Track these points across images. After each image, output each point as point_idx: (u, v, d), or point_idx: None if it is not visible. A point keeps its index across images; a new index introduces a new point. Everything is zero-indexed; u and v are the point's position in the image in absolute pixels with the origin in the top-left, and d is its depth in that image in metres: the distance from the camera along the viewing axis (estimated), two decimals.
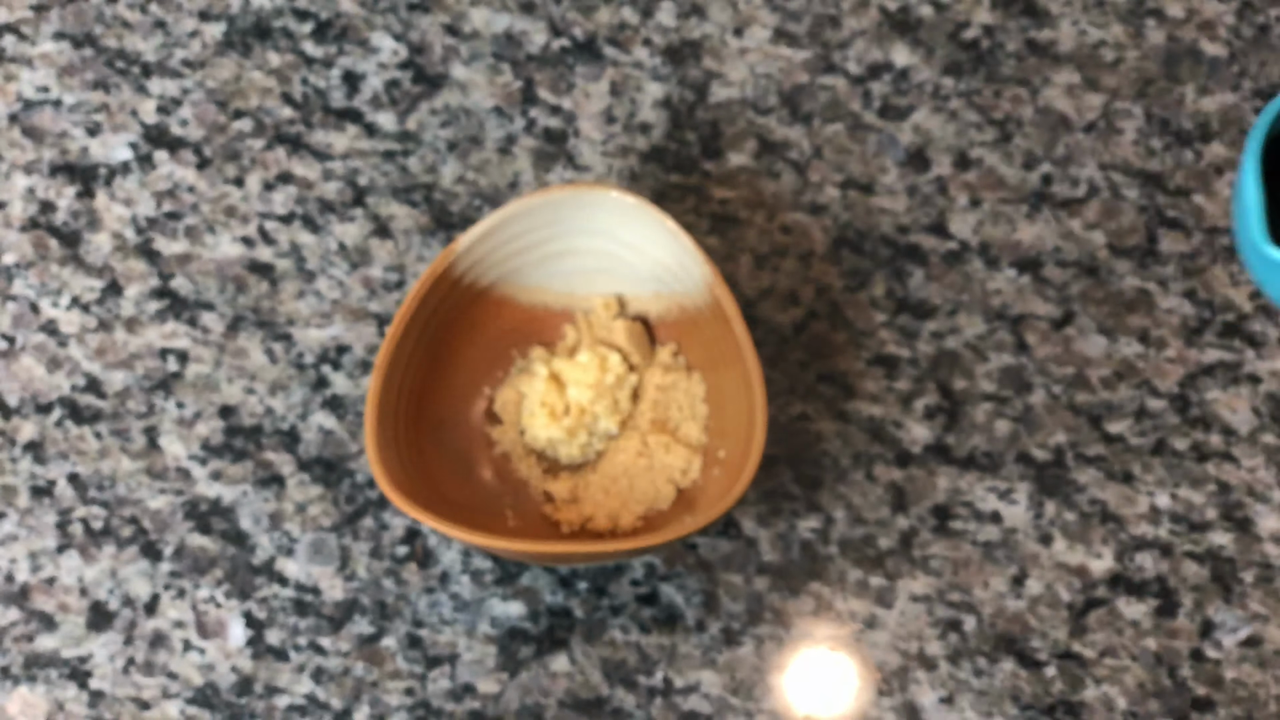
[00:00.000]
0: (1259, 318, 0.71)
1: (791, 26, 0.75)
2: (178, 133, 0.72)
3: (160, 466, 0.67)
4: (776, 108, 0.74)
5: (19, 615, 0.65)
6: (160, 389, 0.68)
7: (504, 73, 0.74)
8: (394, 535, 0.66)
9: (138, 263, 0.70)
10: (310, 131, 0.73)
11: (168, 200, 0.71)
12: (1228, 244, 0.72)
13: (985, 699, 0.65)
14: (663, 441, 0.65)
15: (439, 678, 0.64)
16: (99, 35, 0.74)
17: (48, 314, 0.69)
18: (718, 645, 0.65)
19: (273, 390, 0.68)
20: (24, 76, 0.73)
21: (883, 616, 0.66)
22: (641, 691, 0.64)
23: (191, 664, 0.64)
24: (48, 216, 0.71)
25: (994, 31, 0.75)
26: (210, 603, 0.65)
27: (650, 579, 0.66)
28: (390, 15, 0.75)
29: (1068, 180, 0.73)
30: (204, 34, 0.74)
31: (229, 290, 0.70)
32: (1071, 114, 0.74)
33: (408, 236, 0.71)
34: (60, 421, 0.67)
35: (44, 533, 0.66)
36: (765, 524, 0.67)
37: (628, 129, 0.73)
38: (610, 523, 0.65)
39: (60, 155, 0.72)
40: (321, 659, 0.64)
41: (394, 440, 0.62)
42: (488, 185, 0.72)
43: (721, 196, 0.72)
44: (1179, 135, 0.74)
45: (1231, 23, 0.76)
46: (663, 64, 0.74)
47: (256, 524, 0.66)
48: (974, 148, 0.73)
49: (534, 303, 0.68)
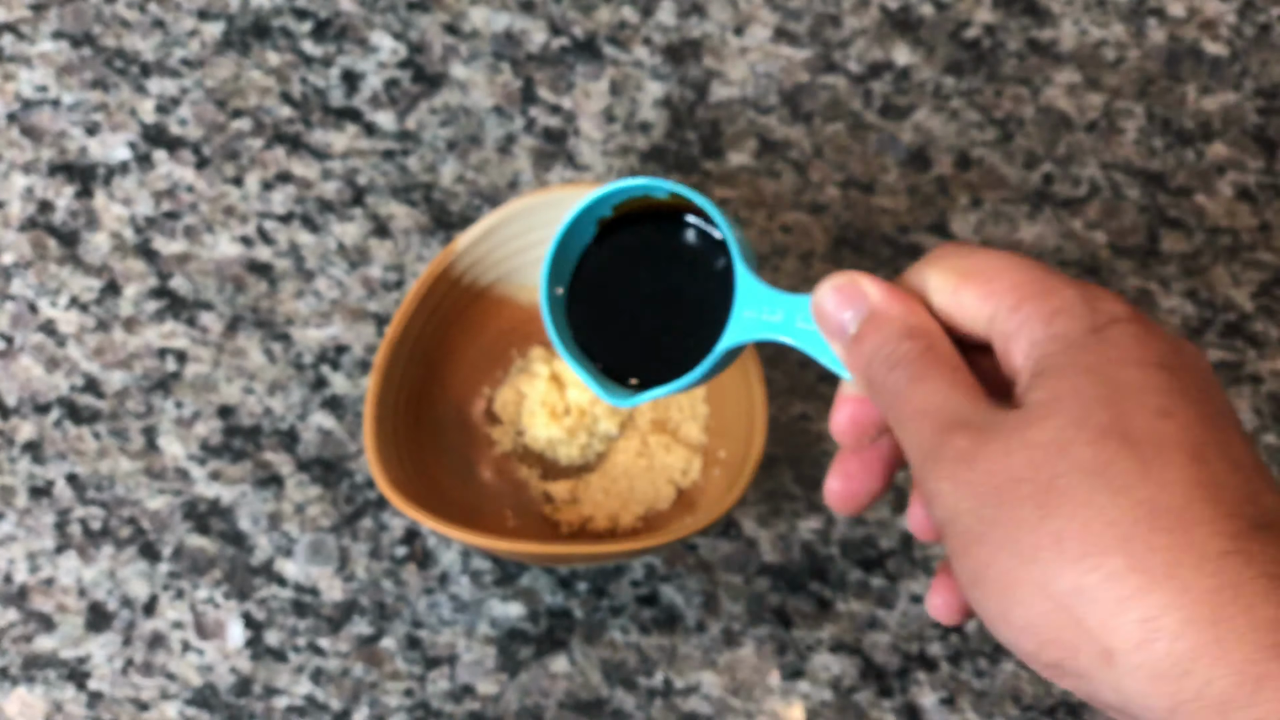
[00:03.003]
0: (1260, 318, 0.71)
1: (792, 25, 0.75)
2: (176, 132, 0.72)
3: (159, 467, 0.67)
4: (777, 107, 0.74)
5: (17, 616, 0.65)
6: (159, 389, 0.68)
7: (504, 72, 0.74)
8: (393, 536, 0.66)
9: (136, 262, 0.70)
10: (309, 131, 0.72)
11: (166, 200, 0.71)
12: (1229, 243, 0.72)
13: (986, 700, 0.64)
14: (663, 442, 0.65)
15: (438, 678, 0.64)
16: (98, 34, 0.74)
17: (46, 314, 0.69)
18: (718, 646, 0.65)
19: (271, 390, 0.68)
20: (22, 76, 0.73)
21: (883, 617, 0.66)
22: (641, 692, 0.64)
23: (190, 665, 0.64)
24: (46, 216, 0.71)
25: (995, 31, 0.75)
26: (209, 603, 0.65)
27: (650, 580, 0.66)
28: (389, 14, 0.75)
29: (1069, 180, 0.73)
30: (203, 33, 0.74)
31: (228, 290, 0.70)
32: (1073, 113, 0.74)
33: (407, 236, 0.71)
34: (59, 421, 0.67)
35: (42, 533, 0.66)
36: (766, 524, 0.67)
37: (628, 128, 0.73)
38: (610, 523, 0.65)
39: (59, 155, 0.72)
40: (320, 660, 0.64)
41: (393, 440, 0.62)
42: (487, 185, 0.72)
43: (722, 196, 0.72)
44: (1180, 135, 0.74)
45: (1233, 22, 0.76)
46: (663, 63, 0.74)
47: (255, 524, 0.66)
48: (975, 147, 0.73)
49: (534, 302, 0.68)
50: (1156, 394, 0.40)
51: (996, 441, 0.41)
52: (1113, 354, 0.41)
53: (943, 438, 0.42)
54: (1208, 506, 0.39)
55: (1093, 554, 0.39)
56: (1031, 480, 0.40)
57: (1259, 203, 0.73)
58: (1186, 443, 0.39)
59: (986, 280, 0.43)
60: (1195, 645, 0.37)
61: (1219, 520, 0.38)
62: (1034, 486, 0.40)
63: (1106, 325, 0.41)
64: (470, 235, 0.64)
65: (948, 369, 0.44)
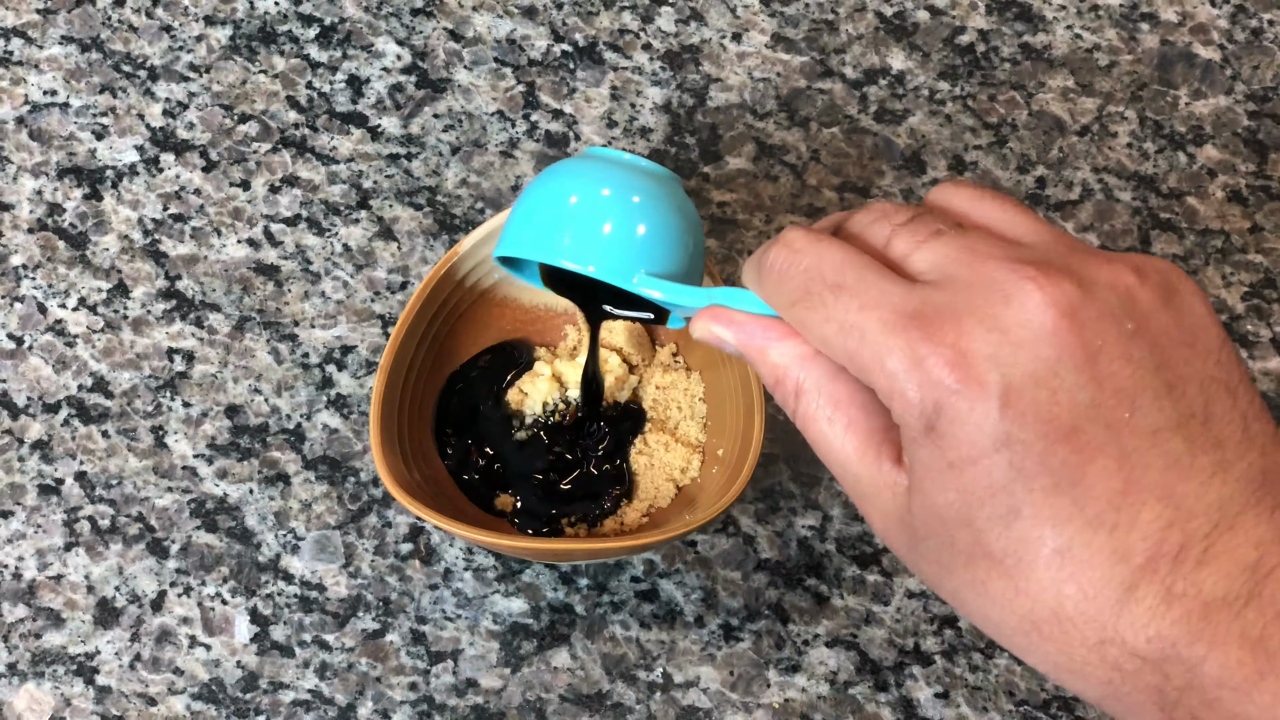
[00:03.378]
0: (1251, 318, 0.71)
1: (789, 32, 0.76)
2: (184, 136, 0.73)
3: (167, 465, 0.67)
4: (774, 112, 0.74)
5: (26, 612, 0.65)
6: (167, 389, 0.69)
7: (506, 77, 0.75)
8: (398, 533, 0.66)
9: (145, 264, 0.71)
10: (315, 135, 0.73)
11: (174, 202, 0.72)
12: (1220, 245, 0.73)
13: (981, 694, 0.65)
14: (663, 440, 0.66)
15: (442, 673, 0.64)
16: (105, 39, 0.75)
17: (55, 314, 0.70)
18: (716, 641, 0.65)
19: (278, 390, 0.69)
20: (31, 80, 0.74)
21: (879, 613, 0.66)
22: (641, 686, 0.64)
23: (197, 660, 0.64)
24: (55, 218, 0.71)
25: (989, 36, 0.76)
26: (216, 599, 0.65)
27: (650, 576, 0.66)
28: (394, 20, 0.75)
29: (1062, 183, 0.73)
30: (210, 38, 0.75)
31: (235, 291, 0.70)
32: (1066, 118, 0.74)
33: (411, 238, 0.71)
34: (68, 420, 0.68)
35: (51, 530, 0.66)
36: (764, 521, 0.67)
37: (628, 133, 0.74)
38: (611, 520, 0.65)
39: (68, 158, 0.72)
40: (326, 655, 0.65)
41: (398, 439, 0.63)
42: (490, 188, 0.73)
43: (720, 199, 0.73)
44: (1172, 138, 0.74)
45: (1225, 27, 0.76)
46: (662, 69, 0.75)
47: (262, 522, 0.66)
48: (969, 151, 0.74)
49: (535, 304, 0.68)
50: (998, 495, 0.39)
51: (908, 510, 0.42)
52: (950, 455, 0.40)
53: (857, 500, 0.44)
54: (1077, 616, 0.39)
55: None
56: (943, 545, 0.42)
57: (1250, 205, 0.73)
58: (1041, 552, 0.39)
59: (831, 351, 0.42)
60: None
61: (1088, 628, 0.39)
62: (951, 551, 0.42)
63: (935, 417, 0.40)
64: (474, 238, 0.65)
65: (824, 422, 0.43)
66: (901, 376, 0.40)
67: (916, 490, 0.41)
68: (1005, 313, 0.39)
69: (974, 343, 0.39)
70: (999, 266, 0.40)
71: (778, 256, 0.42)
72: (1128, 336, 0.39)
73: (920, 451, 0.41)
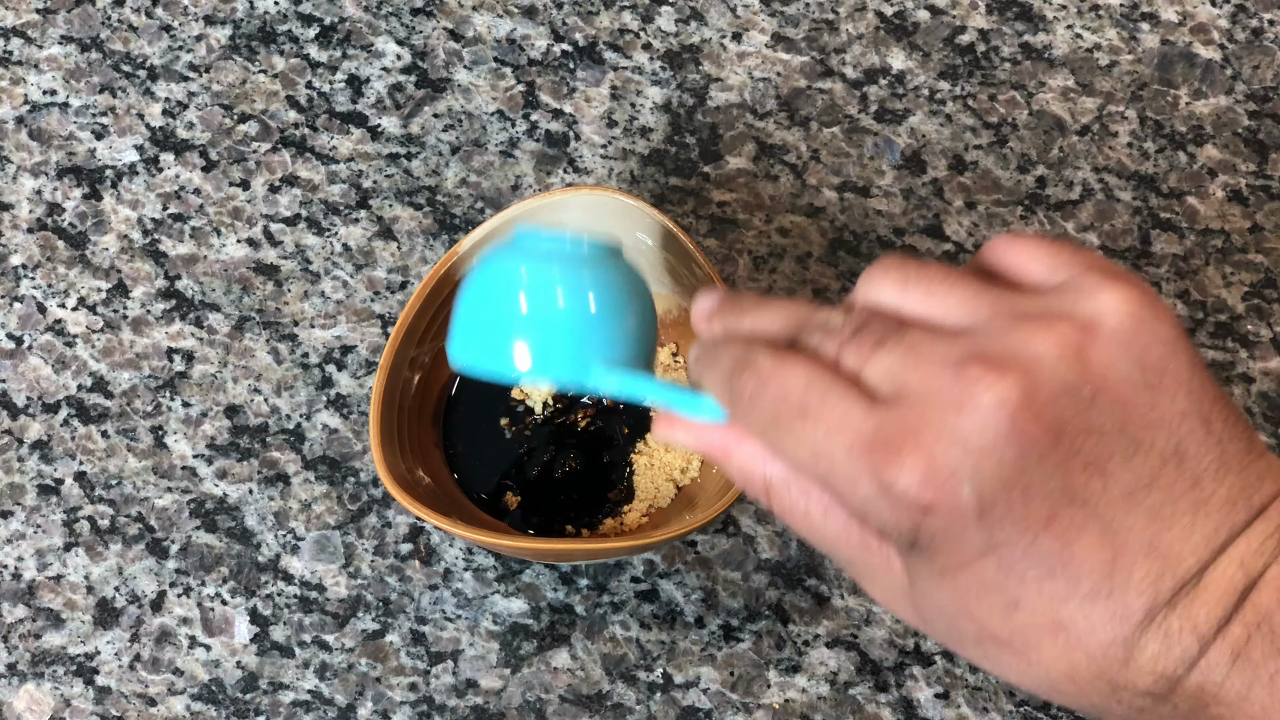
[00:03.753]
0: (1251, 318, 0.71)
1: (789, 32, 0.76)
2: (184, 135, 0.73)
3: (166, 465, 0.67)
4: (774, 111, 0.74)
5: (26, 612, 0.65)
6: (166, 389, 0.69)
7: (506, 77, 0.75)
8: (398, 533, 0.66)
9: (144, 264, 0.71)
10: (315, 135, 0.73)
11: (174, 202, 0.72)
12: (1220, 245, 0.73)
13: (981, 694, 0.65)
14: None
15: (442, 673, 0.65)
16: (105, 39, 0.75)
17: (55, 314, 0.70)
18: (716, 641, 0.65)
19: (278, 390, 0.69)
20: (31, 79, 0.74)
21: (879, 613, 0.66)
22: (641, 687, 0.65)
23: (197, 660, 0.65)
24: (55, 218, 0.72)
25: (989, 36, 0.76)
26: (216, 600, 0.65)
27: (650, 576, 0.66)
28: (394, 20, 0.76)
29: (1062, 183, 0.73)
30: (209, 38, 0.75)
31: (235, 291, 0.70)
32: (1066, 117, 0.74)
33: (411, 238, 0.72)
34: (67, 420, 0.68)
35: (51, 531, 0.66)
36: (763, 521, 0.67)
37: (628, 133, 0.74)
38: (611, 520, 0.65)
39: (67, 157, 0.73)
40: (326, 655, 0.65)
41: (398, 439, 0.63)
42: (490, 188, 0.73)
43: (720, 199, 0.73)
44: (1172, 138, 0.74)
45: (1225, 27, 0.76)
46: (663, 69, 0.75)
47: (262, 522, 0.67)
48: (969, 151, 0.74)
49: None
50: (993, 592, 0.40)
51: (908, 591, 0.43)
52: (939, 564, 0.41)
53: (857, 580, 0.45)
54: (1089, 676, 0.40)
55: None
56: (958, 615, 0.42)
57: (1250, 205, 0.73)
58: (1045, 633, 0.40)
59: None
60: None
61: (1100, 683, 0.41)
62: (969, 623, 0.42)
63: (915, 536, 0.40)
64: (473, 238, 0.65)
65: (802, 512, 0.43)
66: (874, 501, 0.40)
67: (913, 585, 0.42)
68: (960, 422, 0.38)
69: (937, 459, 0.38)
70: (942, 373, 0.39)
71: (747, 384, 0.42)
72: (1086, 405, 0.39)
73: (908, 559, 0.42)
